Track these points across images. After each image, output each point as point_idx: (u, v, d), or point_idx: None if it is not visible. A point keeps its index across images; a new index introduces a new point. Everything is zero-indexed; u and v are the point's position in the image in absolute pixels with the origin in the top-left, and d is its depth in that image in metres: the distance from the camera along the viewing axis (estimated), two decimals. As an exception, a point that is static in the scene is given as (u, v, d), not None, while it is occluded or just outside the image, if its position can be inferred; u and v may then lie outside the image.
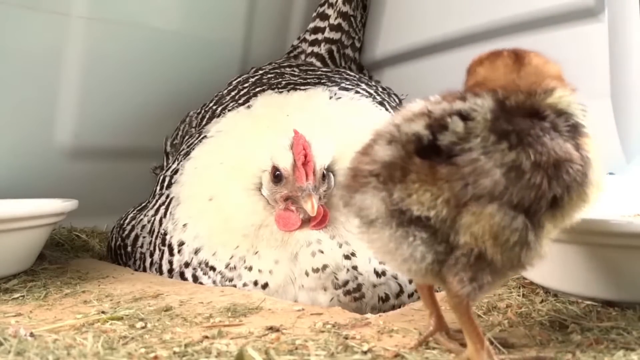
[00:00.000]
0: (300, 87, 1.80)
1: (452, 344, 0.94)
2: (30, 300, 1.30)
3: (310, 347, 0.93)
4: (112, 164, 2.17)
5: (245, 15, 2.37)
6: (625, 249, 1.05)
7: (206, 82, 2.20)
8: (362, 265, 1.32)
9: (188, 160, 1.63)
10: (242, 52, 2.40)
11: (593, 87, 1.81)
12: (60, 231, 1.95)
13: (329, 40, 2.33)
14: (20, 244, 1.46)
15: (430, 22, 2.23)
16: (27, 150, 1.98)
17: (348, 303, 1.30)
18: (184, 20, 2.23)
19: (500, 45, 1.67)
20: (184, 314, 1.15)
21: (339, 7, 2.34)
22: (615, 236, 1.04)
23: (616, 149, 1.74)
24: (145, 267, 1.58)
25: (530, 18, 1.92)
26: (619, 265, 1.07)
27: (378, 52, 2.44)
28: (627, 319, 1.03)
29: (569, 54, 1.87)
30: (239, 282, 1.36)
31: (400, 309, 1.25)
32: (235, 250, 1.38)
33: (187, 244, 1.46)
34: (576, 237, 1.07)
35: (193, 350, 0.93)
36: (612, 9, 1.75)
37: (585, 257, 1.09)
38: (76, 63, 2.00)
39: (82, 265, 1.63)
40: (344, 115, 1.63)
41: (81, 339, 0.99)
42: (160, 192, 1.66)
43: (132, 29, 2.09)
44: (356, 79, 1.97)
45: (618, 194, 1.43)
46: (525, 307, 1.13)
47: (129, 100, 2.16)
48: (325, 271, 1.29)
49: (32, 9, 1.87)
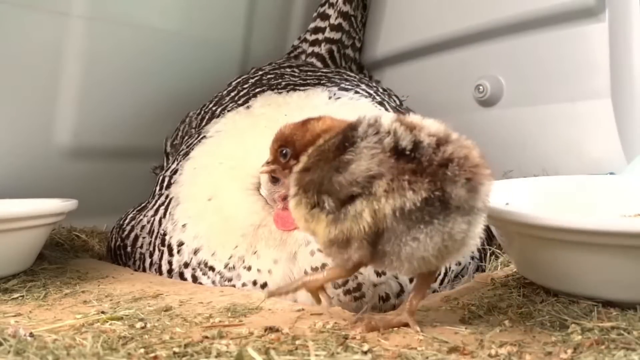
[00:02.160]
0: (299, 88, 1.80)
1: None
2: (30, 300, 1.30)
3: (310, 347, 0.93)
4: (112, 164, 2.17)
5: (245, 15, 2.37)
6: (626, 249, 1.05)
7: (206, 82, 2.20)
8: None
9: (187, 160, 1.64)
10: (242, 52, 2.40)
11: (593, 87, 1.82)
12: (60, 231, 1.95)
13: (330, 40, 2.33)
14: (20, 244, 1.46)
15: (431, 22, 2.23)
16: (26, 150, 1.97)
17: (348, 302, 1.30)
18: (183, 20, 2.23)
19: (500, 44, 1.69)
20: (183, 314, 1.15)
21: (340, 7, 2.34)
22: (615, 236, 1.04)
23: (616, 149, 1.74)
24: (145, 267, 1.58)
25: (531, 18, 1.92)
26: (619, 265, 1.07)
27: (378, 51, 2.44)
28: (627, 319, 1.02)
29: (569, 54, 1.88)
30: (238, 282, 1.36)
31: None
32: (234, 250, 1.38)
33: (186, 244, 1.46)
34: (576, 237, 1.07)
35: (193, 351, 0.93)
36: (613, 8, 1.75)
37: (585, 257, 1.09)
38: (76, 63, 1.99)
39: (82, 265, 1.62)
40: (342, 115, 1.63)
41: (81, 339, 0.99)
42: (159, 193, 1.66)
43: (132, 28, 2.09)
44: (356, 79, 1.97)
45: (618, 194, 1.43)
46: (525, 307, 1.13)
47: (129, 100, 2.16)
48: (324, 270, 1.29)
49: (32, 8, 1.87)
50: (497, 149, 2.07)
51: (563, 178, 1.56)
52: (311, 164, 1.03)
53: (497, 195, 1.37)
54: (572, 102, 1.86)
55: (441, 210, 0.94)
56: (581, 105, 1.84)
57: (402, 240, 0.95)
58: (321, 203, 1.00)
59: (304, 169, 1.04)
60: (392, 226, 0.95)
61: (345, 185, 0.96)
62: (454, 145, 0.97)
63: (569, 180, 1.52)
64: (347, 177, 0.96)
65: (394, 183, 0.94)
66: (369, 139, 0.98)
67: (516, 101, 2.03)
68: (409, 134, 0.97)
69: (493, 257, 1.57)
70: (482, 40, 2.07)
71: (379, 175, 0.95)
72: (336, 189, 0.97)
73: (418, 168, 0.94)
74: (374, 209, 0.95)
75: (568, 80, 1.88)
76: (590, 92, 1.82)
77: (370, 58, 2.47)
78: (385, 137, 0.97)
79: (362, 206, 0.96)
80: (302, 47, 2.37)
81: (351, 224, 0.96)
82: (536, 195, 1.44)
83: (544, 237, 1.12)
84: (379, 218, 0.95)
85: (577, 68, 1.85)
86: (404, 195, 0.93)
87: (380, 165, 0.95)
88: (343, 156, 0.98)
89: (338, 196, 0.97)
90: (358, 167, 0.96)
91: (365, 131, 0.99)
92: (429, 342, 0.97)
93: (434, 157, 0.95)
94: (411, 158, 0.95)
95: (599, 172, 1.68)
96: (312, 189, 1.01)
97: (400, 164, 0.95)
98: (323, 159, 1.01)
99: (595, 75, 1.81)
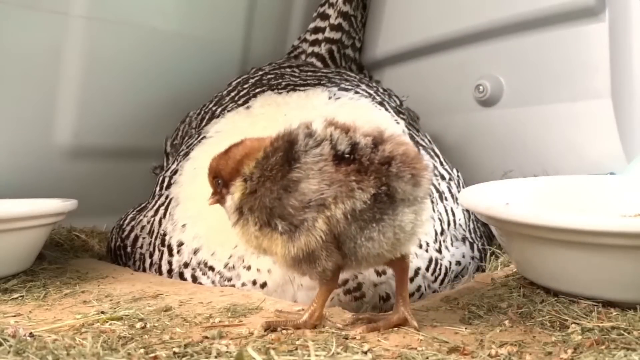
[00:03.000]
0: (299, 88, 1.80)
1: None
2: (30, 300, 1.30)
3: (310, 347, 0.93)
4: (112, 164, 2.17)
5: (245, 15, 2.36)
6: (626, 249, 1.05)
7: (206, 82, 2.20)
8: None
9: (187, 160, 1.64)
10: (242, 52, 2.40)
11: (594, 86, 1.81)
12: (60, 231, 1.95)
13: (330, 40, 2.32)
14: (20, 244, 1.46)
15: (431, 22, 2.23)
16: (26, 149, 1.97)
17: (348, 302, 1.30)
18: (183, 20, 2.23)
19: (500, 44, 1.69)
20: (183, 314, 1.15)
21: (340, 7, 2.34)
22: (615, 236, 1.04)
23: (617, 148, 1.74)
24: (145, 267, 1.57)
25: (531, 17, 1.92)
26: (619, 265, 1.07)
27: (378, 51, 2.44)
28: (627, 319, 1.02)
29: (569, 54, 1.88)
30: (237, 282, 1.36)
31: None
32: (234, 249, 1.38)
33: (186, 244, 1.46)
34: (576, 237, 1.07)
35: (193, 351, 0.93)
36: (613, 8, 1.75)
37: (585, 257, 1.09)
38: (75, 62, 1.99)
39: (82, 265, 1.62)
40: (342, 115, 1.63)
41: (80, 339, 0.99)
42: (159, 193, 1.66)
43: (131, 28, 2.09)
44: (356, 79, 1.97)
45: (618, 194, 1.43)
46: (525, 307, 1.13)
47: (129, 100, 2.16)
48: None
49: (31, 8, 1.87)
50: (497, 149, 2.07)
51: (563, 178, 1.56)
52: (256, 185, 1.02)
53: (497, 195, 1.38)
54: (572, 102, 1.86)
55: (390, 205, 0.97)
56: (581, 105, 1.83)
57: (357, 242, 0.98)
58: (273, 225, 1.00)
59: (250, 192, 1.03)
60: (345, 229, 0.97)
61: (299, 209, 0.97)
62: (392, 144, 1.00)
63: (569, 180, 1.52)
64: (298, 197, 0.97)
65: (341, 188, 0.96)
66: (311, 152, 0.98)
67: (516, 101, 2.03)
68: (345, 137, 0.99)
69: (493, 257, 1.58)
70: (482, 40, 2.07)
71: (330, 186, 0.96)
72: (290, 213, 0.98)
73: (361, 168, 0.97)
74: (327, 215, 0.96)
75: (568, 80, 1.87)
76: (591, 92, 1.82)
77: (370, 58, 2.47)
78: (325, 145, 0.98)
79: (314, 217, 0.97)
80: (302, 47, 2.36)
81: (307, 238, 0.98)
82: (536, 195, 1.44)
83: (544, 237, 1.12)
84: (333, 224, 0.97)
85: (577, 68, 1.85)
86: (353, 197, 0.96)
87: (330, 182, 0.96)
88: (290, 174, 0.98)
89: (291, 221, 0.98)
90: (308, 187, 0.97)
91: (306, 143, 0.99)
92: (429, 342, 0.97)
93: (373, 156, 0.97)
94: (352, 160, 0.98)
95: (599, 172, 1.68)
96: (260, 210, 1.01)
97: (343, 168, 0.97)
98: (269, 178, 1.01)
99: (596, 75, 1.81)
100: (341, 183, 0.96)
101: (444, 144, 2.00)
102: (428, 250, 1.44)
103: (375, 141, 0.99)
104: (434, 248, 1.45)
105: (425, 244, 1.44)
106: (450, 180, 1.67)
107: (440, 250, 1.47)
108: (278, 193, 0.99)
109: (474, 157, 2.09)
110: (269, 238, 1.02)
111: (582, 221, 1.06)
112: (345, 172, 0.96)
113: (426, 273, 1.41)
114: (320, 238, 0.97)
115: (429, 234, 1.46)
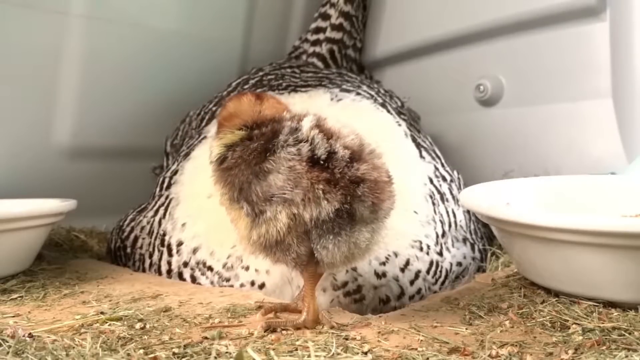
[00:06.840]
0: (300, 89, 1.80)
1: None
2: (29, 300, 1.29)
3: (310, 347, 0.93)
4: (111, 164, 2.17)
5: (245, 15, 2.37)
6: (626, 249, 1.05)
7: (206, 81, 2.20)
8: (362, 266, 1.31)
9: (188, 160, 1.63)
10: (242, 52, 2.40)
11: (594, 86, 1.81)
12: (59, 231, 1.95)
13: (331, 40, 2.32)
14: (19, 244, 1.46)
15: (431, 22, 2.23)
16: (25, 149, 1.97)
17: (348, 304, 1.29)
18: (183, 20, 2.23)
19: (501, 44, 1.69)
20: (183, 314, 1.14)
21: (341, 7, 2.34)
22: (615, 236, 1.03)
23: (617, 148, 1.73)
24: (145, 268, 1.57)
25: (532, 17, 1.92)
26: (620, 265, 1.06)
27: (378, 51, 2.44)
28: (628, 320, 1.02)
29: (570, 54, 1.88)
30: (236, 283, 1.36)
31: (401, 310, 1.25)
32: (232, 249, 1.37)
33: (185, 243, 1.45)
34: (577, 237, 1.07)
35: (192, 351, 0.93)
36: (614, 8, 1.75)
37: (586, 257, 1.08)
38: (75, 62, 1.99)
39: (81, 266, 1.62)
40: (344, 116, 1.62)
41: (80, 339, 0.98)
42: (159, 194, 1.66)
43: (131, 28, 2.09)
44: (357, 80, 1.97)
45: (619, 193, 1.43)
46: (526, 307, 1.12)
47: (128, 100, 2.16)
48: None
49: (31, 8, 1.86)
50: (498, 148, 2.06)
51: (564, 178, 1.56)
52: (233, 163, 1.02)
53: (498, 195, 1.38)
54: (573, 101, 1.86)
55: (348, 222, 0.98)
56: (582, 105, 1.83)
57: (316, 247, 0.99)
58: (240, 204, 1.01)
59: (227, 167, 1.03)
60: (309, 230, 0.98)
61: (261, 198, 0.98)
62: (367, 165, 0.99)
63: (570, 180, 1.52)
64: (264, 188, 0.98)
65: (310, 192, 0.96)
66: (288, 150, 0.98)
67: (517, 101, 2.02)
68: (325, 143, 0.99)
69: (494, 257, 1.57)
70: (482, 39, 2.07)
71: (295, 188, 0.97)
72: (252, 200, 0.99)
73: (332, 178, 0.97)
74: (293, 213, 0.97)
75: (569, 80, 1.87)
76: (592, 91, 1.81)
77: (371, 58, 2.47)
78: (303, 146, 0.98)
79: (278, 209, 0.97)
80: (303, 47, 2.36)
81: (268, 227, 0.98)
82: (537, 195, 1.44)
83: (545, 237, 1.11)
84: (299, 222, 0.97)
85: (578, 68, 1.85)
86: (319, 205, 0.96)
87: (296, 183, 0.96)
88: (263, 164, 0.99)
89: (254, 207, 0.99)
90: (275, 181, 0.97)
91: (286, 139, 0.99)
92: (429, 343, 0.97)
93: (346, 170, 0.97)
94: (325, 167, 0.97)
95: (600, 172, 1.67)
96: (232, 187, 1.02)
97: (315, 173, 0.97)
98: (245, 161, 1.01)
99: (597, 74, 1.80)
100: (307, 187, 0.96)
101: (444, 144, 2.00)
102: (429, 254, 1.43)
103: (353, 156, 0.99)
104: (435, 251, 1.45)
105: (427, 247, 1.43)
106: (452, 182, 1.67)
107: (441, 252, 1.47)
108: (248, 178, 0.99)
109: (474, 157, 2.09)
110: (236, 213, 1.03)
111: (583, 221, 1.06)
112: (315, 178, 0.96)
113: (427, 276, 1.41)
114: (279, 230, 0.98)
115: (430, 237, 1.46)
